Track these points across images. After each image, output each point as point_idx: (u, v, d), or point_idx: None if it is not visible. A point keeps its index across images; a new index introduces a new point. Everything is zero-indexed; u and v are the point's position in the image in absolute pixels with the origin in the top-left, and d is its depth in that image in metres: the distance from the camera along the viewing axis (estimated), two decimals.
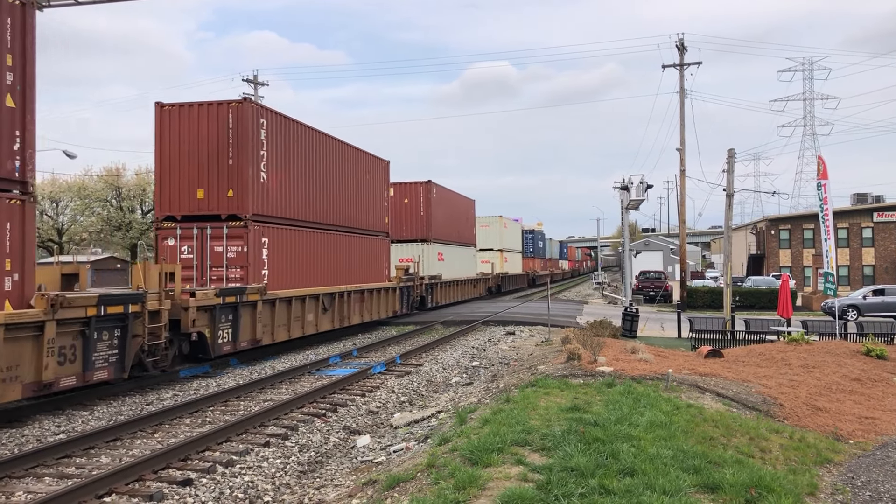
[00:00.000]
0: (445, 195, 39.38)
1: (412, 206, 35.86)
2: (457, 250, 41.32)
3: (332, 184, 24.19)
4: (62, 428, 11.94)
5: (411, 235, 35.65)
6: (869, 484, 8.19)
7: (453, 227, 40.82)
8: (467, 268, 43.99)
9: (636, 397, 10.74)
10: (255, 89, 49.50)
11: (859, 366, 15.35)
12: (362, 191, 27.15)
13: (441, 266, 37.05)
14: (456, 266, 40.49)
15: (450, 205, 40.19)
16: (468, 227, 45.14)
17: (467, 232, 44.55)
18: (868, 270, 54.87)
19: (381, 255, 29.16)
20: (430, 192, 36.62)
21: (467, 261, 44.05)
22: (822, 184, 21.81)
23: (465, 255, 43.45)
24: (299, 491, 8.88)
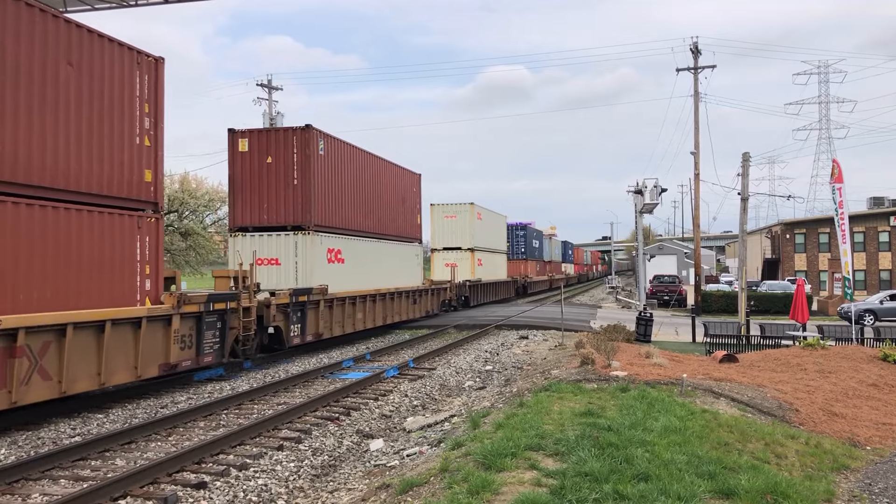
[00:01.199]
0: (348, 156, 24.79)
1: (278, 168, 21.87)
2: (376, 248, 27.19)
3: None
4: (77, 430, 12.02)
5: (276, 220, 21.95)
6: (887, 491, 8.11)
7: (372, 213, 27.00)
8: (401, 274, 29.68)
9: (650, 402, 10.69)
10: (269, 94, 49.71)
11: (876, 371, 15.21)
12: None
13: (339, 272, 23.46)
14: (371, 272, 26.27)
15: (362, 174, 26.00)
16: (406, 214, 31.15)
17: (404, 221, 30.68)
18: (885, 275, 54.37)
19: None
20: (311, 146, 21.83)
21: (401, 263, 29.94)
22: (838, 187, 21.65)
23: (395, 255, 29.23)
24: (313, 495, 8.89)
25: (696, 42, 41.06)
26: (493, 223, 47.84)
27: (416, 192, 32.72)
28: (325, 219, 23.10)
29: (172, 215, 43.53)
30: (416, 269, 32.39)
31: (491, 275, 45.84)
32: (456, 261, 40.59)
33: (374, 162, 27.39)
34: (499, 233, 49.85)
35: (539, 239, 65.75)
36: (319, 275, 22.15)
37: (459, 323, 30.90)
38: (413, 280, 31.43)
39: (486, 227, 45.32)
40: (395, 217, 29.40)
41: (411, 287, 30.33)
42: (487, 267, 44.88)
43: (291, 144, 22.37)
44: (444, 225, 41.52)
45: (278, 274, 21.89)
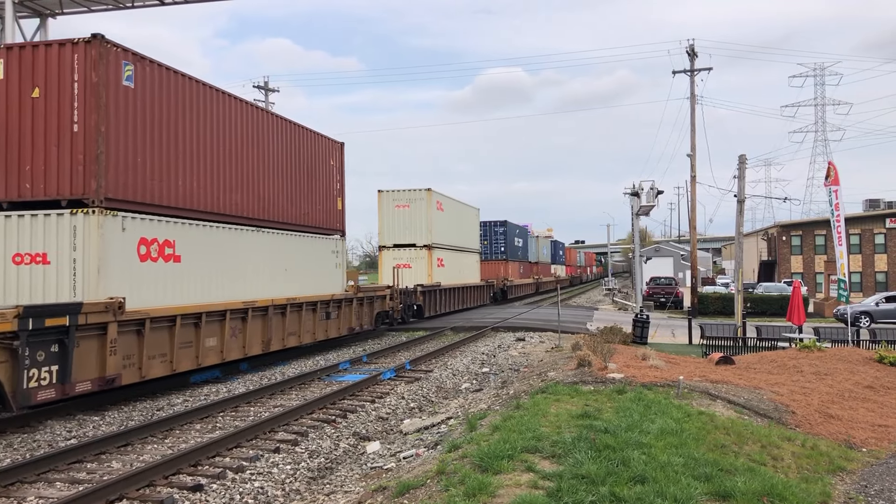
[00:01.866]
0: (194, 98, 16.66)
1: (50, 106, 13.90)
2: (255, 241, 19.05)
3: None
4: (73, 433, 11.99)
5: (44, 191, 13.93)
6: (883, 493, 8.12)
7: (247, 188, 18.90)
8: (305, 278, 21.58)
9: (647, 404, 10.70)
10: (265, 95, 49.74)
11: (872, 373, 15.24)
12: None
13: (166, 277, 15.54)
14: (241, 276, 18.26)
15: (225, 129, 17.81)
16: (316, 194, 22.72)
17: (311, 205, 22.35)
18: (881, 277, 54.50)
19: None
20: (107, 72, 13.96)
21: (305, 263, 21.70)
22: (834, 189, 21.70)
23: (294, 252, 21.10)
24: (309, 497, 8.88)
25: (692, 45, 41.15)
26: (460, 216, 39.56)
27: (334, 166, 24.00)
28: (134, 189, 14.60)
29: None
30: (334, 271, 23.74)
31: (456, 278, 37.83)
32: (409, 260, 33.23)
33: (251, 115, 18.90)
34: (469, 228, 41.86)
35: (523, 237, 58.36)
36: (120, 280, 13.87)
37: (457, 325, 30.88)
38: (327, 286, 22.76)
39: (451, 220, 37.46)
40: (294, 197, 21.11)
41: (321, 296, 21.86)
42: (451, 268, 37.09)
43: (71, 68, 13.69)
44: (394, 217, 33.57)
45: (45, 279, 13.44)
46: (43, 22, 27.77)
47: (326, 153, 23.68)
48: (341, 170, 24.96)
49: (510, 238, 52.17)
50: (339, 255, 24.44)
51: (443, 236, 35.64)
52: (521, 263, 57.45)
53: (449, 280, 36.30)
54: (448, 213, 36.99)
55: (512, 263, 52.88)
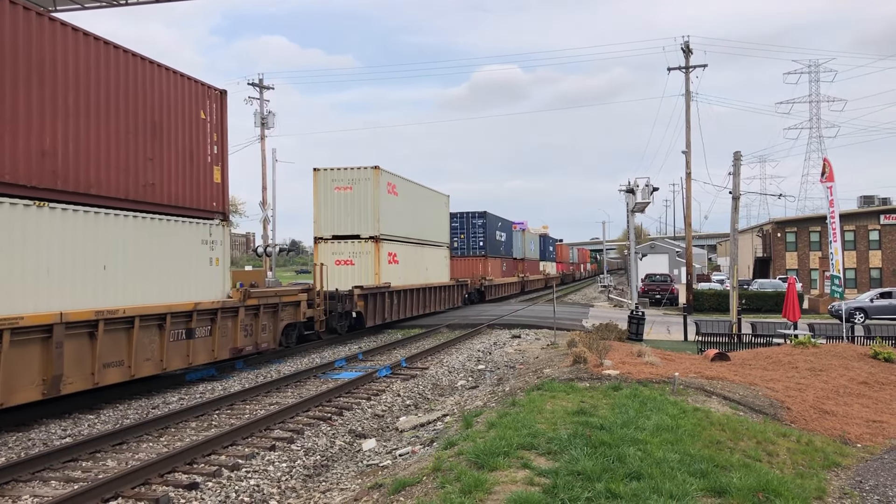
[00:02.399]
0: None
1: None
2: (71, 227, 13.13)
3: None
4: (68, 432, 11.96)
5: None
6: (877, 488, 8.15)
7: None
8: (166, 281, 15.60)
9: (643, 401, 10.71)
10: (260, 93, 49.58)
11: (867, 369, 15.28)
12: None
13: None
14: (76, 274, 13.15)
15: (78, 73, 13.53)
16: (171, 159, 16.03)
17: (161, 174, 15.68)
18: (875, 273, 54.65)
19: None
20: None
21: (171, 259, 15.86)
22: (828, 186, 21.75)
23: (149, 240, 15.14)
24: (305, 495, 8.87)
25: (687, 42, 41.16)
26: (421, 203, 32.94)
27: (206, 121, 17.29)
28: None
29: None
30: (207, 270, 16.98)
31: (415, 277, 31.63)
32: (352, 256, 27.13)
33: (31, 26, 12.49)
34: (435, 218, 35.06)
35: (506, 231, 52.53)
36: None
37: (452, 322, 30.87)
38: (191, 291, 16.24)
39: (408, 206, 30.98)
40: (127, 162, 14.57)
41: (176, 306, 15.52)
42: (409, 266, 30.73)
43: None
44: (334, 201, 27.44)
45: None
46: None
47: (192, 102, 16.86)
48: (220, 128, 17.88)
49: (490, 231, 46.34)
50: (215, 248, 17.44)
51: (396, 226, 29.18)
52: (504, 260, 51.82)
53: (404, 280, 30.03)
54: (404, 199, 30.25)
55: (492, 260, 47.21)
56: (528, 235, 62.64)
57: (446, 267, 37.50)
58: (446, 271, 37.37)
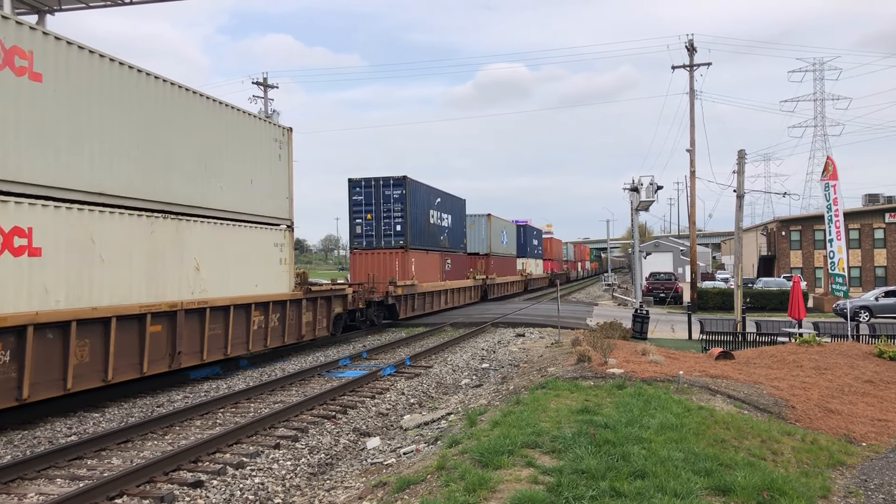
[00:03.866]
0: None
1: None
2: None
3: None
4: (74, 430, 12.00)
5: None
6: (882, 486, 8.13)
7: None
8: None
9: (647, 399, 10.70)
10: (264, 91, 49.67)
11: (872, 367, 15.25)
12: None
13: None
14: None
15: None
16: None
17: None
18: (880, 271, 54.51)
19: None
20: None
21: None
22: (832, 184, 21.68)
23: None
24: (309, 493, 8.89)
25: (691, 40, 41.10)
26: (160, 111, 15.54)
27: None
28: None
29: None
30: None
31: (160, 287, 15.21)
32: None
33: None
34: (247, 162, 19.12)
35: (454, 213, 38.05)
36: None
37: (456, 321, 30.88)
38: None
39: (133, 116, 14.65)
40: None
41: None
42: (126, 263, 14.21)
43: None
44: None
45: None
46: (41, 18, 27.67)
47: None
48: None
49: (417, 210, 32.10)
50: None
51: None
52: (448, 255, 37.27)
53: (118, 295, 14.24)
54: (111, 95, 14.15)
55: (420, 254, 32.60)
56: (496, 223, 47.54)
57: (279, 268, 20.17)
58: (283, 276, 20.33)
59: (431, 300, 34.47)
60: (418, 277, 32.01)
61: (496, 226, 48.24)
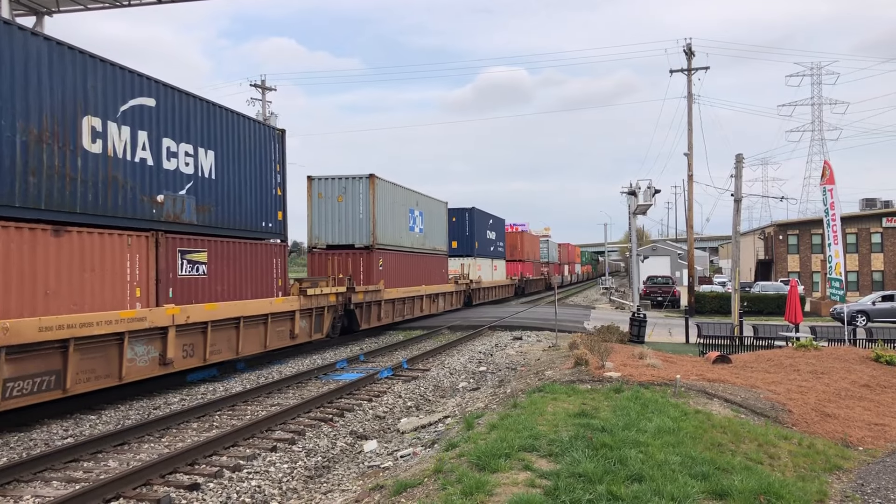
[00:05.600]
0: None
1: None
2: None
3: None
4: (70, 432, 11.97)
5: None
6: (879, 491, 8.14)
7: None
8: None
9: (644, 403, 10.71)
10: (262, 94, 49.67)
11: (869, 372, 15.27)
12: None
13: None
14: None
15: None
16: None
17: None
18: (877, 276, 54.61)
19: None
20: None
21: None
22: (829, 188, 21.72)
23: None
24: (306, 496, 8.88)
25: (689, 44, 41.17)
26: None
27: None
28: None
29: None
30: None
31: None
32: None
33: None
34: None
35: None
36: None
37: (454, 324, 30.87)
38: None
39: None
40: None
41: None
42: None
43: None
44: None
45: None
46: (39, 20, 27.68)
47: None
48: None
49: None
50: None
51: None
52: (243, 242, 18.86)
53: None
54: None
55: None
56: (394, 195, 29.13)
57: None
58: None
59: None
60: None
61: (395, 199, 29.04)
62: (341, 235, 26.90)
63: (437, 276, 35.27)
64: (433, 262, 34.72)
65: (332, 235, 26.99)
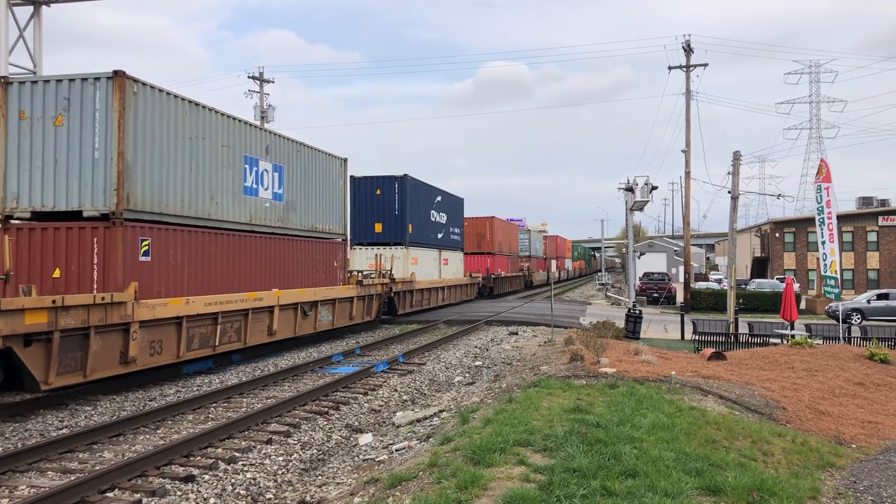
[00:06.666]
0: None
1: None
2: None
3: None
4: (65, 423, 11.97)
5: None
6: (871, 488, 8.18)
7: None
8: None
9: (639, 399, 10.74)
10: (260, 86, 49.53)
11: (863, 370, 15.32)
12: None
13: None
14: None
15: None
16: None
17: None
18: (872, 274, 54.74)
19: None
20: None
21: None
22: (825, 187, 21.76)
23: None
24: (301, 488, 8.89)
25: (688, 40, 41.16)
26: None
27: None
28: None
29: None
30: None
31: None
32: None
33: None
34: None
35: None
36: None
37: (450, 318, 30.90)
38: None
39: None
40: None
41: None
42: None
43: None
44: None
45: None
46: (37, 10, 27.53)
47: None
48: None
49: None
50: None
51: None
52: None
53: None
54: None
55: None
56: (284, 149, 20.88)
57: None
58: None
59: None
60: None
61: (196, 131, 16.65)
62: (57, 193, 14.28)
63: (321, 273, 22.95)
64: (311, 250, 22.26)
65: (41, 193, 14.38)
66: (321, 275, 23.02)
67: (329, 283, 23.45)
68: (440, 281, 35.70)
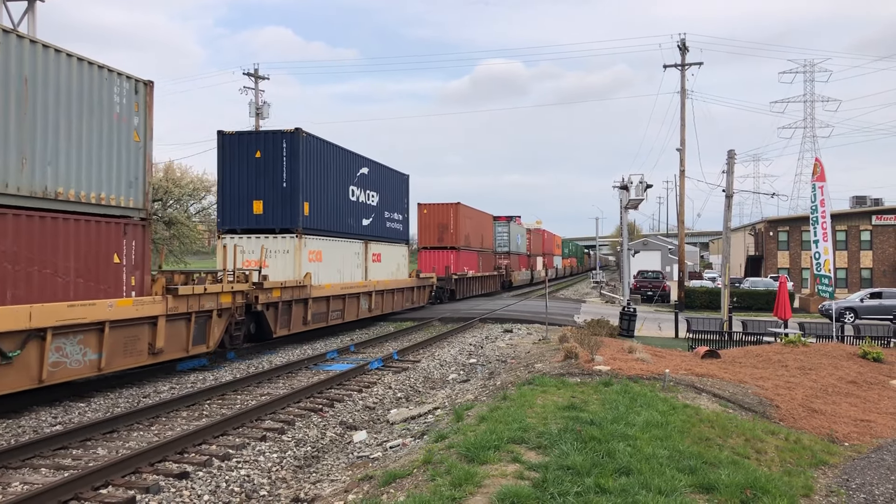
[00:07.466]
0: None
1: None
2: None
3: None
4: (59, 419, 11.94)
5: None
6: (864, 486, 8.21)
7: None
8: None
9: (633, 397, 10.76)
10: (255, 83, 49.41)
11: (856, 368, 15.38)
12: None
13: None
14: None
15: None
16: None
17: None
18: (866, 273, 54.93)
19: None
20: None
21: None
22: (820, 186, 21.83)
23: None
24: (295, 485, 8.89)
25: (683, 39, 41.21)
26: None
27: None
28: None
29: (156, 204, 42.97)
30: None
31: None
32: None
33: None
34: None
35: None
36: None
37: (445, 316, 30.94)
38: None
39: None
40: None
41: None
42: None
43: None
44: None
45: None
46: (31, 5, 27.39)
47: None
48: None
49: None
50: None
51: None
52: None
53: None
54: None
55: None
56: None
57: None
58: None
59: None
60: None
61: None
62: None
63: (74, 277, 12.97)
64: (44, 234, 12.37)
65: None
66: (76, 281, 13.00)
67: (94, 296, 13.34)
68: (363, 284, 26.02)
